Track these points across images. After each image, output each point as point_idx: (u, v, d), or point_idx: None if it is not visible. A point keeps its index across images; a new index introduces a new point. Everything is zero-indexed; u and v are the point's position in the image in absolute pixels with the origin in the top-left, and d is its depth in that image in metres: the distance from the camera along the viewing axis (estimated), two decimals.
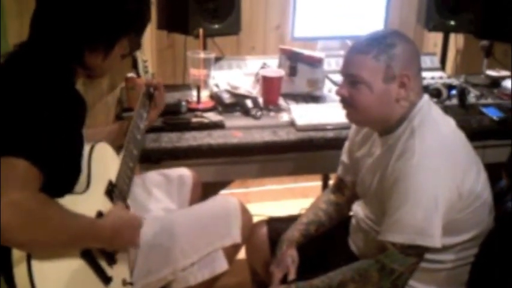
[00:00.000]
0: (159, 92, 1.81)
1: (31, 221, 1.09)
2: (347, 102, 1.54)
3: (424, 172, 1.40)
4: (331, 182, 1.97)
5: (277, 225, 1.84)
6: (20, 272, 1.13)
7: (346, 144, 1.78)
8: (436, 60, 2.74)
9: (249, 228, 1.77)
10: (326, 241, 1.78)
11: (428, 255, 1.45)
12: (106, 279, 1.32)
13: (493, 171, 1.64)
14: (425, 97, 1.54)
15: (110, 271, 1.34)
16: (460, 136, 1.54)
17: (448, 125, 1.54)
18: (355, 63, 1.50)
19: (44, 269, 1.15)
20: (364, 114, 1.53)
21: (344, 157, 1.79)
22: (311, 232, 1.76)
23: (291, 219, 1.81)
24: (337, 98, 1.58)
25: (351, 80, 1.51)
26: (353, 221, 1.75)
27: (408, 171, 1.42)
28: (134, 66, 1.84)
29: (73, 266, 1.23)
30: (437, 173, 1.41)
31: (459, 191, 1.44)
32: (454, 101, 2.31)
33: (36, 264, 1.14)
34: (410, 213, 1.39)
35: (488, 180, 1.56)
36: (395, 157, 1.47)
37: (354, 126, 1.73)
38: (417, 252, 1.41)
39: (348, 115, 1.57)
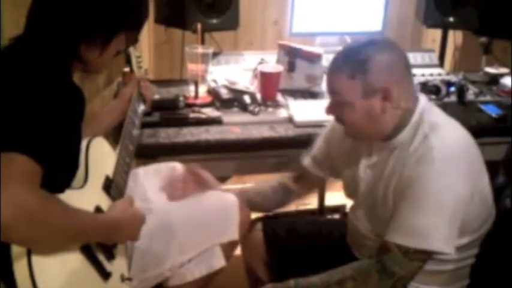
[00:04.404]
0: (144, 84, 1.80)
1: (32, 217, 1.07)
2: (339, 121, 1.53)
3: (444, 178, 1.36)
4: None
5: (273, 222, 1.83)
6: (20, 267, 1.11)
7: (321, 141, 1.76)
8: (434, 57, 2.72)
9: (247, 225, 1.76)
10: (326, 242, 1.76)
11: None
12: (105, 275, 1.31)
13: (491, 169, 1.63)
14: (423, 100, 1.50)
15: (109, 266, 1.33)
16: (470, 137, 1.49)
17: (457, 127, 1.49)
18: (333, 82, 1.47)
19: (44, 265, 1.14)
20: (356, 130, 1.50)
21: (317, 151, 1.76)
22: (256, 201, 1.79)
23: (286, 216, 1.80)
24: None
25: (334, 100, 1.49)
26: (349, 225, 1.71)
27: (427, 177, 1.37)
28: (128, 61, 1.83)
29: (73, 261, 1.22)
30: (456, 178, 1.37)
31: (475, 194, 1.41)
32: (453, 98, 2.30)
33: (36, 260, 1.12)
34: (426, 218, 1.36)
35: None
36: (411, 162, 1.41)
37: (330, 125, 1.72)
38: (423, 257, 1.38)
39: (345, 133, 1.55)
